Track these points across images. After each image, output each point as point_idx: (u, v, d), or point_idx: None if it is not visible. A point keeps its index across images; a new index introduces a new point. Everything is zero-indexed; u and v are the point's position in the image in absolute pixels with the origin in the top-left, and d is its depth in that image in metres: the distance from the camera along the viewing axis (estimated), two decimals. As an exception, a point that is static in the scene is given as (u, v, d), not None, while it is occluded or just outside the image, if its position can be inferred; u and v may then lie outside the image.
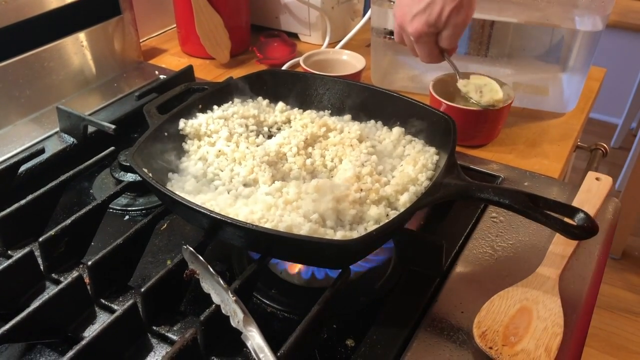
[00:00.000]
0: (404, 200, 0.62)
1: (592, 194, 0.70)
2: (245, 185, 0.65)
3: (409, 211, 0.57)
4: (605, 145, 0.96)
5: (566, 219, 0.55)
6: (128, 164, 0.75)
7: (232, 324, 0.50)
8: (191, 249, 0.55)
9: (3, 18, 0.82)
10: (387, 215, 0.61)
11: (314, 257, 0.56)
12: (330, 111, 0.78)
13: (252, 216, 0.58)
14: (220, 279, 0.52)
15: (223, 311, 0.51)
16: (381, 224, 0.58)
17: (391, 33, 1.01)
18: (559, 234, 0.56)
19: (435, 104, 0.82)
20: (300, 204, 0.60)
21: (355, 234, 0.58)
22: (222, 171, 0.67)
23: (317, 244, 0.52)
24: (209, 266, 0.54)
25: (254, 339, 0.48)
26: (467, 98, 0.82)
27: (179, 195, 0.56)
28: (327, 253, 0.54)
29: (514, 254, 0.64)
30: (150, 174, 0.61)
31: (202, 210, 0.54)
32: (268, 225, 0.56)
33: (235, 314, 0.50)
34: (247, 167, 0.66)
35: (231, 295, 0.51)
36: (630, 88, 2.57)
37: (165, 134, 0.69)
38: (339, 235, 0.57)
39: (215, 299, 0.53)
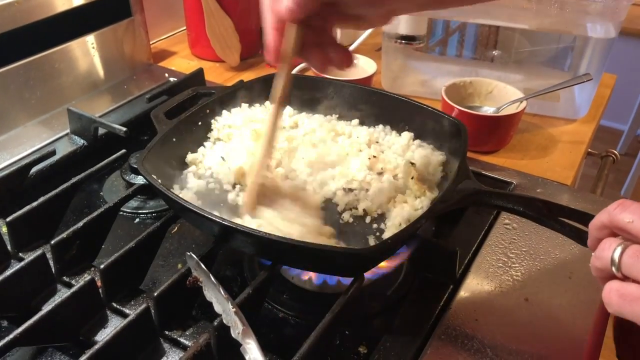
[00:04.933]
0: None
1: None
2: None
3: (422, 218, 0.56)
4: (615, 152, 0.95)
5: (580, 226, 0.55)
6: (139, 167, 0.75)
7: (232, 334, 0.49)
8: (195, 257, 0.55)
9: (14, 20, 0.82)
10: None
11: (327, 265, 0.56)
12: (338, 115, 0.78)
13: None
14: (222, 288, 0.51)
15: (224, 321, 0.50)
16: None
17: (402, 38, 1.01)
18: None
19: (448, 110, 0.82)
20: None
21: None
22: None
23: (331, 252, 0.52)
24: (210, 275, 0.53)
25: (252, 352, 0.47)
26: None
27: (189, 203, 0.55)
28: (340, 261, 0.53)
29: (528, 260, 0.64)
30: (160, 180, 0.60)
31: (212, 218, 0.53)
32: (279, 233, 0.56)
33: (236, 325, 0.49)
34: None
35: (231, 307, 0.49)
36: (636, 94, 2.56)
37: (174, 139, 0.68)
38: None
39: (217, 308, 0.51)
